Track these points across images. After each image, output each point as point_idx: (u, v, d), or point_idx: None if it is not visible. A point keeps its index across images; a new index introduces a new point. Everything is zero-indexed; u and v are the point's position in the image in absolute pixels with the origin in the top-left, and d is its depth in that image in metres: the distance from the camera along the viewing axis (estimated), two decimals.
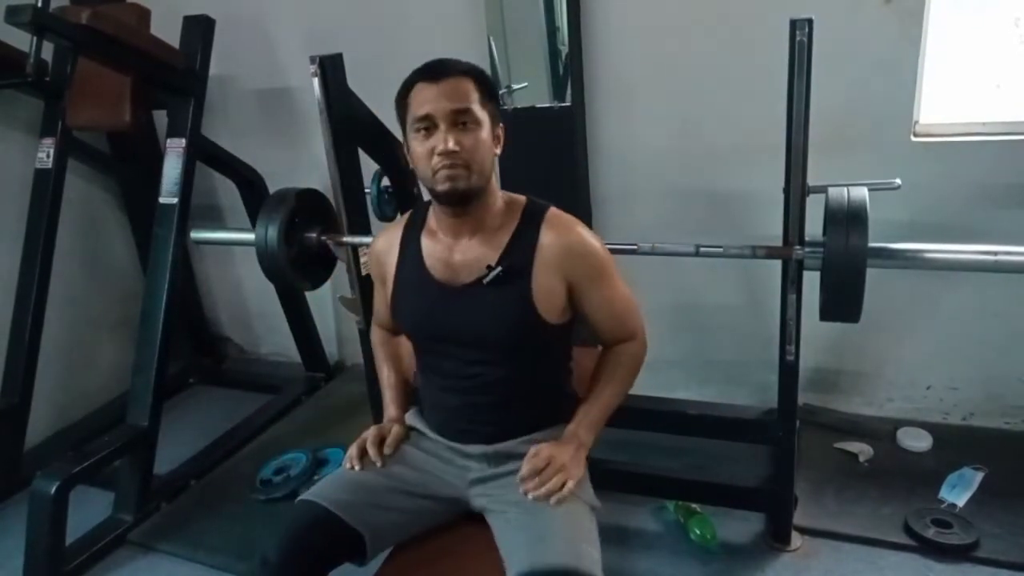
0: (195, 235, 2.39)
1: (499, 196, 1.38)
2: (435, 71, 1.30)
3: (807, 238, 1.62)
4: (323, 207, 2.13)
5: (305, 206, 2.06)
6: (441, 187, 1.27)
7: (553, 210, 1.39)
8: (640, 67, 2.29)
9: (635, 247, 1.74)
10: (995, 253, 1.57)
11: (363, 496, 1.34)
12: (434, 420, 1.48)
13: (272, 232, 1.95)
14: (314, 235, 2.06)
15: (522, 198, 1.41)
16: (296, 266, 2.04)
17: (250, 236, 2.05)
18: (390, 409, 1.55)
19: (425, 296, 1.38)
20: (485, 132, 1.30)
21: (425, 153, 1.28)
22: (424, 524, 1.40)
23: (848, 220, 1.51)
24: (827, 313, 1.60)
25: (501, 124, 1.37)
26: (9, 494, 2.43)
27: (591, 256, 1.36)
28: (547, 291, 1.32)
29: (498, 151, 1.36)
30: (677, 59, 2.24)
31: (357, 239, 2.03)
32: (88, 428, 2.78)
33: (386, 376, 1.60)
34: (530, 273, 1.31)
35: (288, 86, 2.77)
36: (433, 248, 1.39)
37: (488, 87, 1.33)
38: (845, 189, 1.56)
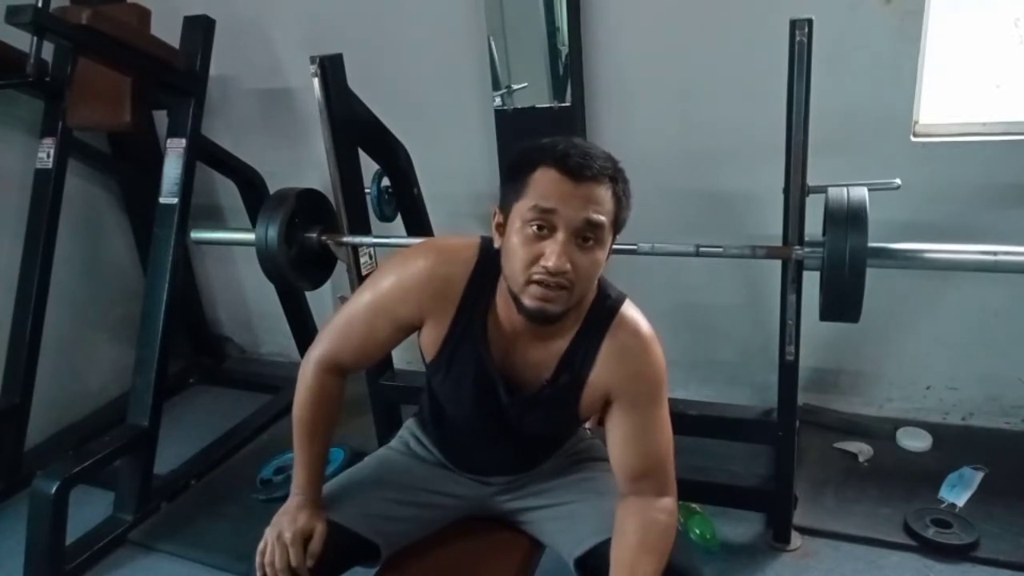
0: (195, 235, 2.38)
1: None
2: (578, 167, 1.05)
3: (807, 238, 1.62)
4: (323, 207, 2.13)
5: (305, 206, 2.06)
6: (529, 304, 1.07)
7: (623, 314, 1.20)
8: (640, 67, 2.29)
9: (635, 247, 1.73)
10: (995, 253, 1.57)
11: (371, 507, 1.31)
12: (448, 453, 1.42)
13: (272, 232, 1.95)
14: (314, 235, 2.06)
15: (594, 285, 1.18)
16: (296, 266, 2.04)
17: (250, 236, 2.05)
18: (307, 491, 1.28)
19: (480, 388, 1.23)
20: (604, 253, 1.11)
21: (527, 256, 1.06)
22: (437, 526, 1.39)
23: (848, 220, 1.51)
24: (827, 313, 1.60)
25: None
26: (9, 494, 2.43)
27: (649, 382, 1.20)
28: (592, 401, 1.23)
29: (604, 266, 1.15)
30: (677, 59, 2.24)
31: (357, 239, 2.03)
32: (88, 428, 2.78)
33: (308, 456, 1.30)
34: (582, 388, 1.21)
35: (288, 86, 2.77)
36: (497, 335, 1.21)
37: (626, 195, 1.14)
38: (845, 189, 1.56)
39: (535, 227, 1.06)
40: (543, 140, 1.11)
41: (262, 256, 2.00)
